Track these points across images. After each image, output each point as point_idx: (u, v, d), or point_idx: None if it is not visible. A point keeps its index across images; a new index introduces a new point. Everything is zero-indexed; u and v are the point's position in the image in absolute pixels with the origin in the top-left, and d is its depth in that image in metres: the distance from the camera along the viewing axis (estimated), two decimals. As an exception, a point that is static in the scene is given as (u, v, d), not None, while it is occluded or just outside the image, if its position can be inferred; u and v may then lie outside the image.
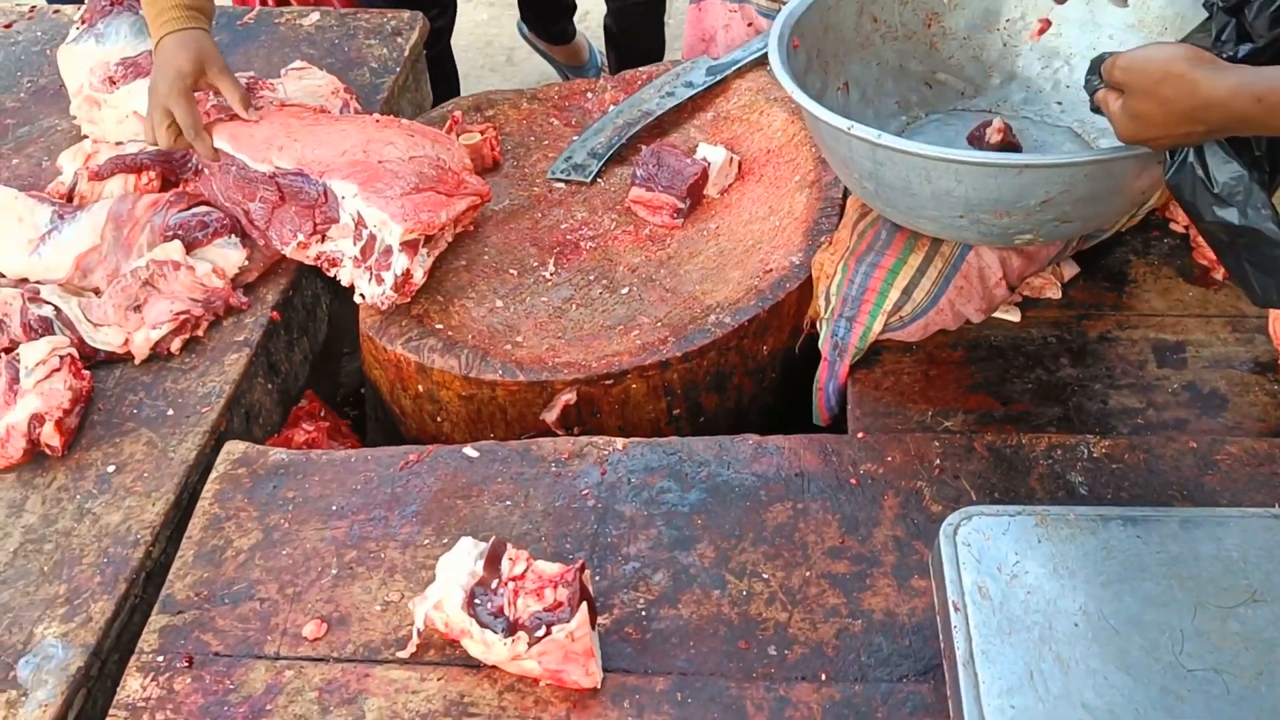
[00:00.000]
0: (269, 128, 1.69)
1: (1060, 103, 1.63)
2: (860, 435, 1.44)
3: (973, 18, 1.64)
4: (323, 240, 1.66)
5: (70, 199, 1.75)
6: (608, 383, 1.56)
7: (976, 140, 1.57)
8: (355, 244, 1.62)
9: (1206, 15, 1.23)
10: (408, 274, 1.59)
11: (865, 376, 1.55)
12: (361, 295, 1.62)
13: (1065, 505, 1.32)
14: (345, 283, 1.65)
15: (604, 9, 2.90)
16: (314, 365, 1.79)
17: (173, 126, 1.66)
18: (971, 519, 1.16)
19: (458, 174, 1.66)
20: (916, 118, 1.66)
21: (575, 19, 3.59)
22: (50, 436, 1.45)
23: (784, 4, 1.97)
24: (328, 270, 1.66)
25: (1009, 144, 1.55)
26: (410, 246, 1.59)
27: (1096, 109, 1.22)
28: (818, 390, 1.61)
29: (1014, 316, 1.59)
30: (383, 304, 1.60)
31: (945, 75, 1.66)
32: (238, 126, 1.70)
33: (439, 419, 1.64)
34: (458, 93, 2.80)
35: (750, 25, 2.03)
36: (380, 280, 1.60)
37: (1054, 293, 1.62)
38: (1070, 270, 1.63)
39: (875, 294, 1.52)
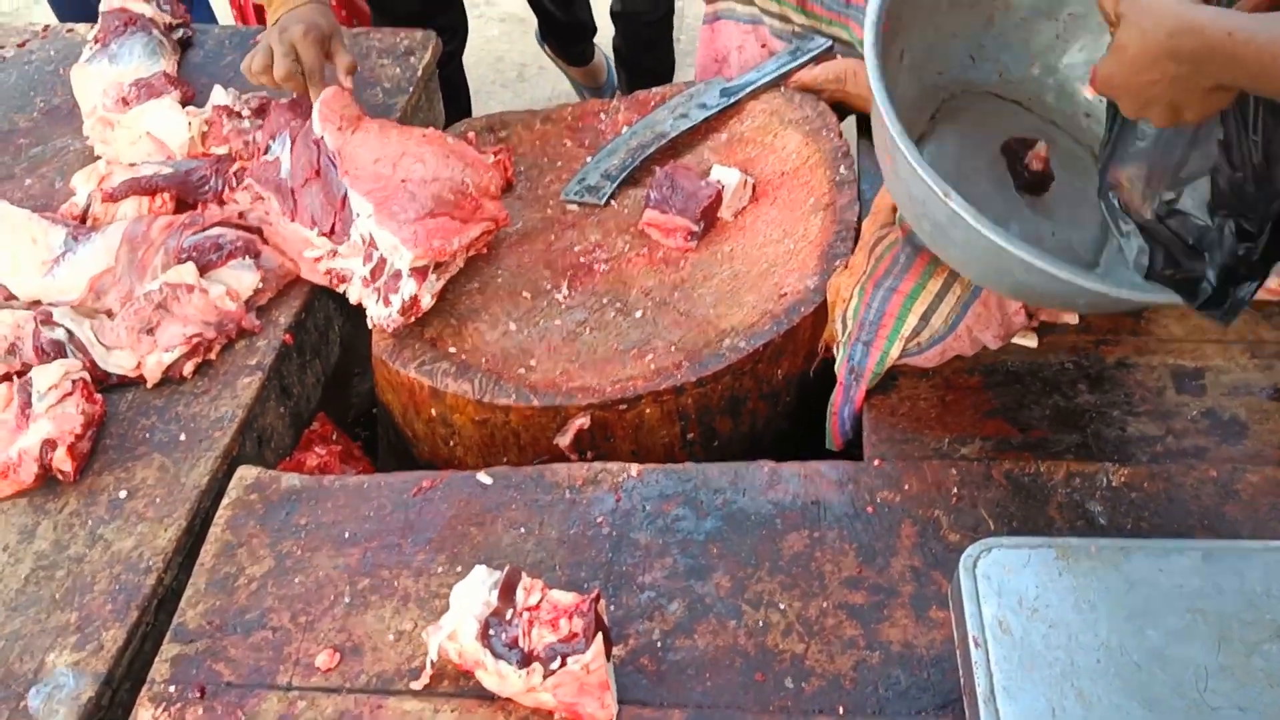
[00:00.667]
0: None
1: (1089, 115, 1.61)
2: (877, 462, 1.43)
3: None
4: (334, 256, 1.65)
5: (84, 220, 1.75)
6: (621, 407, 1.55)
7: (1012, 155, 1.55)
8: (365, 264, 1.62)
9: None
10: (415, 299, 1.59)
11: (881, 402, 1.53)
12: (371, 324, 1.62)
13: (1086, 537, 1.31)
14: (353, 300, 1.64)
15: (613, 27, 2.90)
16: (326, 387, 1.78)
17: (295, 63, 1.74)
18: (991, 551, 1.15)
19: (476, 199, 1.66)
20: (953, 95, 1.62)
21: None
22: (62, 461, 1.44)
23: (796, 26, 1.98)
24: (336, 286, 1.66)
25: (1044, 174, 1.54)
26: (419, 272, 1.58)
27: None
28: (832, 415, 1.60)
29: (1031, 342, 1.58)
30: (389, 326, 1.60)
31: (995, 51, 1.62)
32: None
33: (452, 443, 1.64)
34: (469, 110, 2.80)
35: (764, 46, 2.02)
36: (388, 302, 1.60)
37: (1071, 318, 1.60)
38: (1088, 295, 1.62)
39: (893, 319, 1.51)
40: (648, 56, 2.90)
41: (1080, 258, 1.51)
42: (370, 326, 1.64)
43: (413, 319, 1.61)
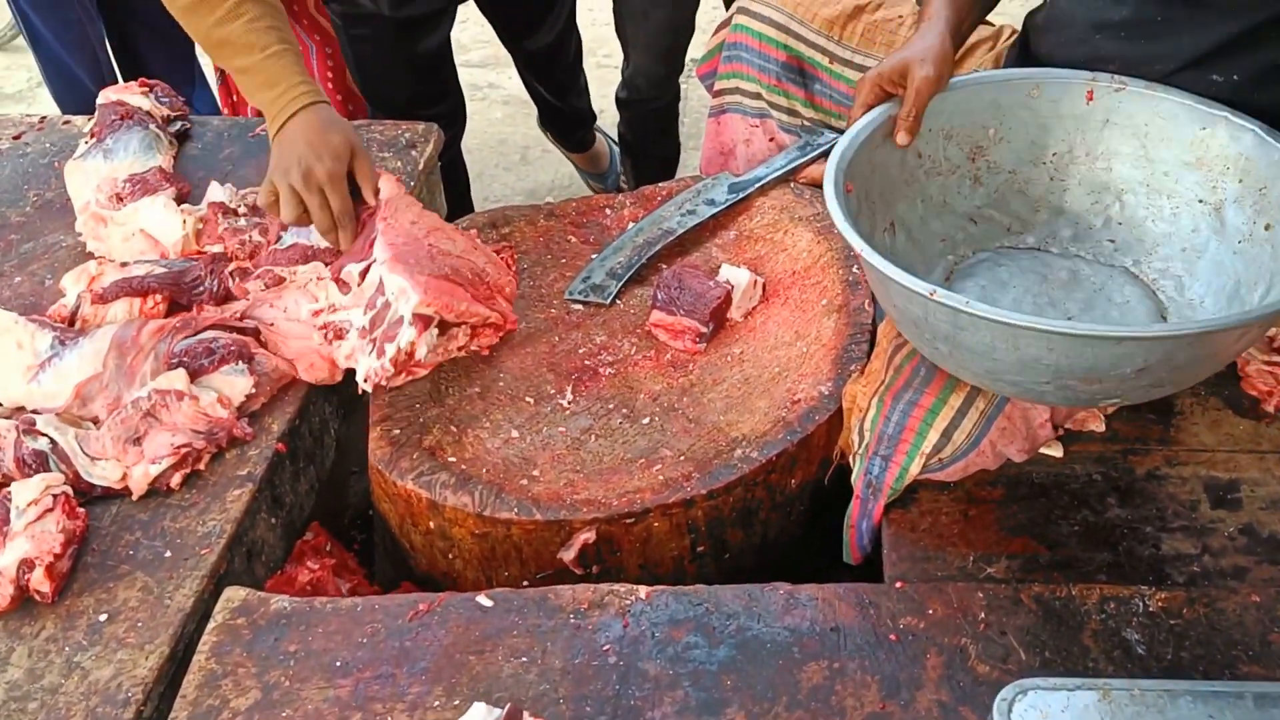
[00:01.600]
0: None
1: (1113, 240, 1.56)
2: (899, 584, 1.35)
3: (1019, 151, 1.57)
4: (333, 311, 1.61)
5: (73, 322, 1.69)
6: (628, 521, 1.48)
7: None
8: (366, 312, 1.58)
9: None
10: (411, 350, 1.54)
11: (901, 517, 1.46)
12: (361, 379, 1.59)
13: (1125, 669, 1.24)
14: (342, 358, 1.60)
15: (618, 113, 2.87)
16: (320, 492, 1.72)
17: (325, 209, 1.67)
18: (1027, 694, 1.07)
19: (491, 289, 1.62)
20: (964, 257, 1.58)
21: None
22: (40, 583, 1.37)
23: (804, 120, 1.94)
24: (330, 341, 1.62)
25: None
26: (421, 320, 1.54)
27: None
28: (849, 529, 1.53)
29: (1056, 452, 1.51)
30: (378, 377, 1.55)
31: (991, 211, 1.58)
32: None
33: (450, 555, 1.56)
34: (469, 195, 2.76)
35: (772, 140, 1.98)
36: (381, 352, 1.55)
37: (1097, 426, 1.54)
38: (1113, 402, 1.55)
39: (913, 434, 1.44)
40: (653, 143, 2.87)
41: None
42: (359, 388, 1.58)
43: (404, 375, 1.55)
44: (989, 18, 1.82)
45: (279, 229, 1.77)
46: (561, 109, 2.97)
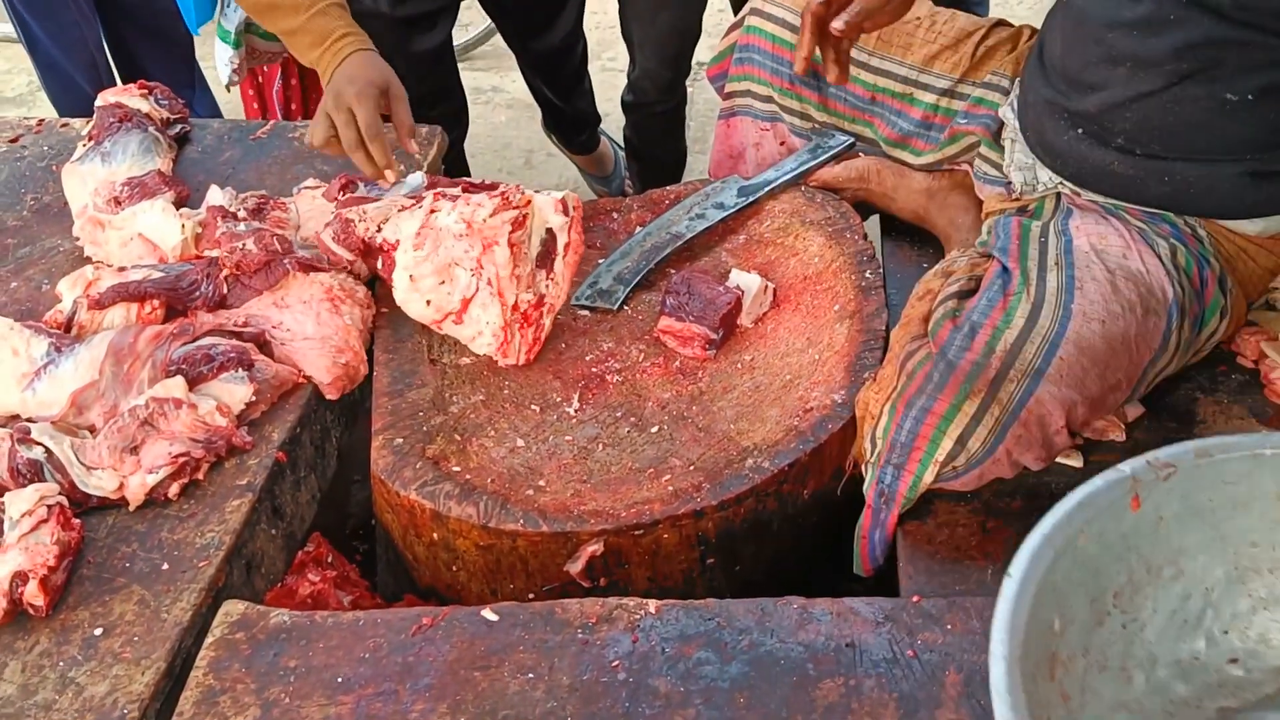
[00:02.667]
0: None
1: (1241, 665, 1.22)
2: (916, 598, 1.31)
3: (1080, 625, 1.17)
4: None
5: (68, 329, 1.66)
6: (637, 533, 1.44)
7: None
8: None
9: None
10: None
11: (916, 529, 1.43)
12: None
13: (1149, 689, 1.19)
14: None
15: (624, 116, 2.84)
16: (322, 502, 1.68)
17: (351, 125, 1.71)
18: (1052, 716, 1.03)
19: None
20: None
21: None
22: (34, 596, 1.33)
23: (816, 123, 1.91)
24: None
25: None
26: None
27: None
28: (861, 539, 1.50)
29: (1076, 462, 1.48)
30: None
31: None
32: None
33: (455, 568, 1.53)
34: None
35: (783, 144, 1.94)
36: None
37: (1118, 435, 1.50)
38: (1134, 411, 1.52)
39: (927, 441, 1.40)
40: (659, 146, 2.84)
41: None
42: (373, 444, 1.55)
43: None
44: (1008, 18, 1.79)
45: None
46: (566, 111, 2.94)
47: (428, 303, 1.63)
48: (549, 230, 1.63)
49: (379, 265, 1.67)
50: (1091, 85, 1.48)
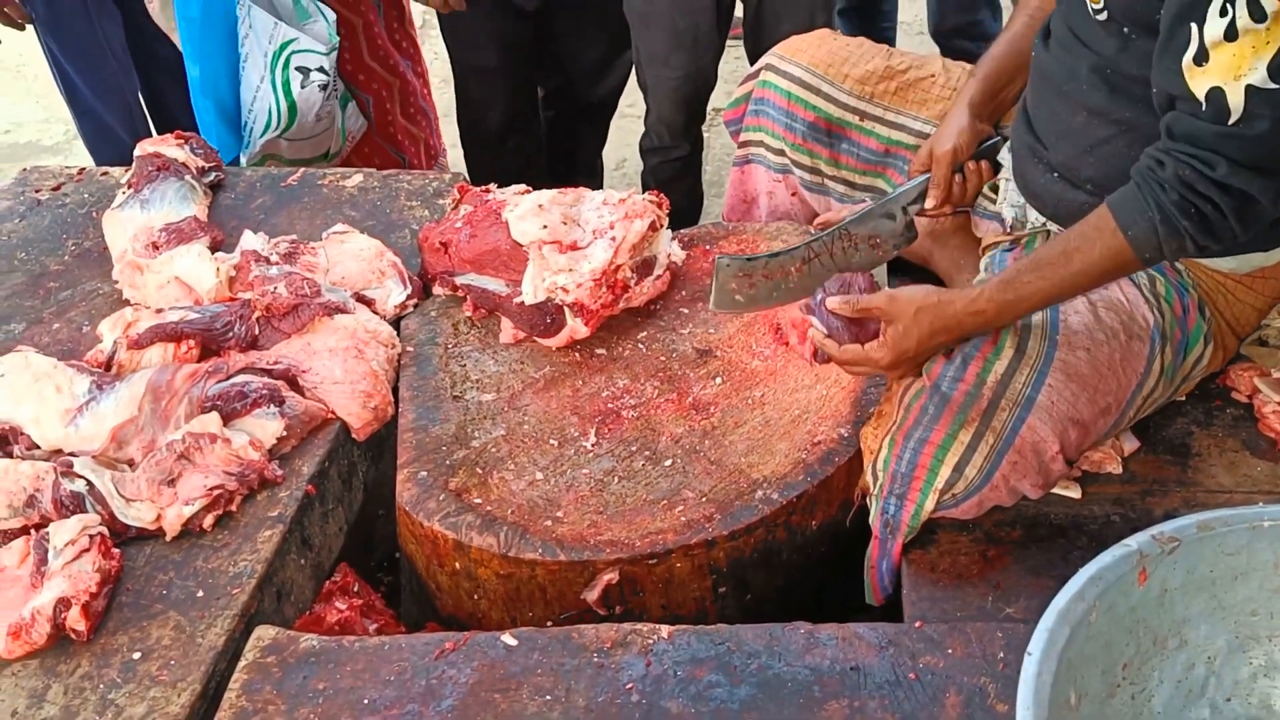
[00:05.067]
0: None
1: None
2: (918, 624, 1.37)
3: (1092, 699, 1.22)
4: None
5: (109, 367, 1.74)
6: (651, 562, 1.50)
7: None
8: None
9: None
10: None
11: (920, 557, 1.48)
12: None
13: (1142, 709, 1.24)
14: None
15: (641, 162, 2.92)
16: (348, 534, 1.74)
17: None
18: None
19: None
20: None
21: (615, 168, 3.64)
22: (76, 621, 1.40)
23: (826, 178, 1.97)
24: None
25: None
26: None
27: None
28: (870, 569, 1.55)
29: (1074, 493, 1.53)
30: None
31: None
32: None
33: (476, 596, 1.59)
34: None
35: (794, 194, 2.02)
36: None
37: (1114, 467, 1.55)
38: (1130, 444, 1.57)
39: (926, 470, 1.46)
40: (675, 190, 2.91)
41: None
42: (399, 476, 1.61)
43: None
44: None
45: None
46: (578, 158, 3.04)
47: (544, 226, 1.76)
48: (657, 256, 1.81)
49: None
50: (1058, 134, 1.57)
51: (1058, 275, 1.43)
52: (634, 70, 2.73)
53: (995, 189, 1.76)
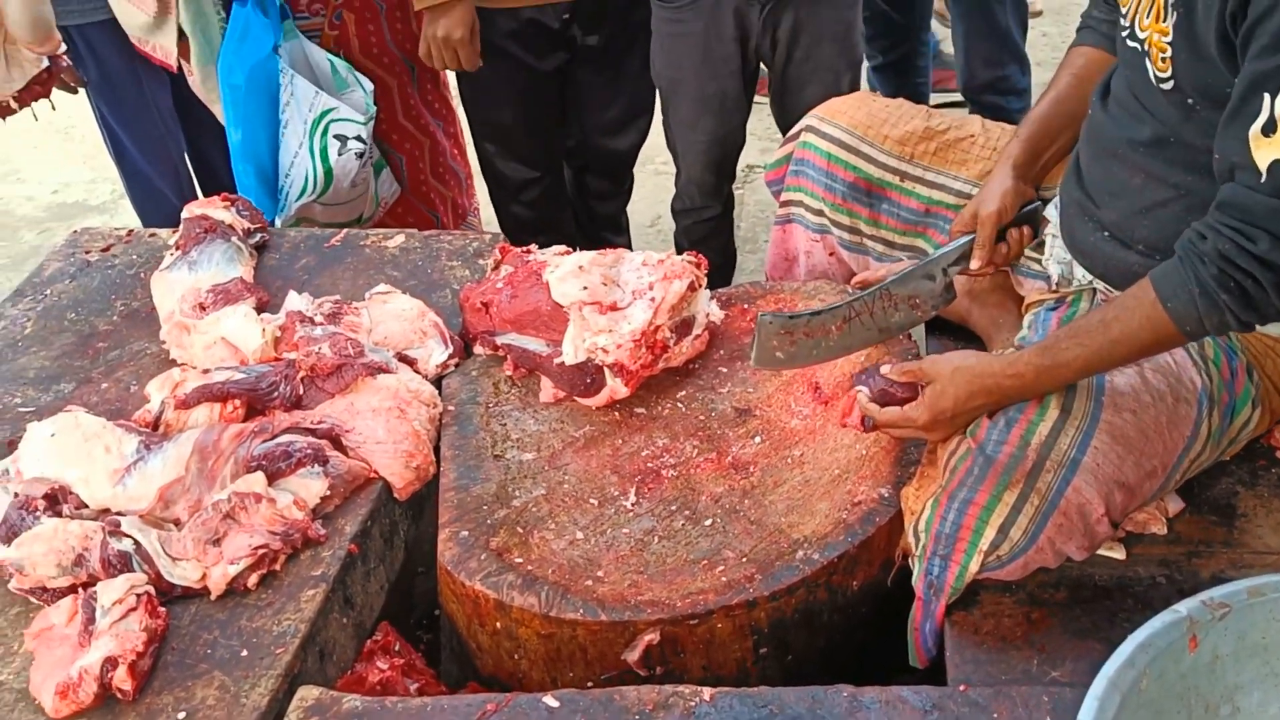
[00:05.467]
0: None
1: None
2: (962, 688, 1.36)
3: None
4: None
5: (156, 427, 1.77)
6: (692, 622, 1.50)
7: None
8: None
9: None
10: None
11: (963, 619, 1.47)
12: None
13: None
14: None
15: (674, 222, 2.95)
16: (389, 593, 1.75)
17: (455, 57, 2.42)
18: (1095, 801, 1.06)
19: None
20: None
21: (649, 224, 3.67)
22: (123, 681, 1.42)
23: (865, 237, 1.99)
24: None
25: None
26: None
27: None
28: (913, 631, 1.54)
29: (1118, 554, 1.52)
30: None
31: None
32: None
33: (517, 656, 1.59)
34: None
35: (832, 254, 2.03)
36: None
37: (1159, 528, 1.54)
38: (1175, 505, 1.56)
39: (970, 531, 1.46)
40: (708, 249, 2.93)
41: None
42: (440, 537, 1.62)
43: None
44: None
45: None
46: (599, 212, 3.07)
47: (584, 287, 1.78)
48: (696, 316, 1.83)
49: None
50: (1111, 193, 1.57)
51: (1096, 344, 1.43)
52: (663, 132, 2.77)
53: (1040, 247, 1.76)
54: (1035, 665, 1.40)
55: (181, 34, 2.56)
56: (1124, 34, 1.54)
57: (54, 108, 2.17)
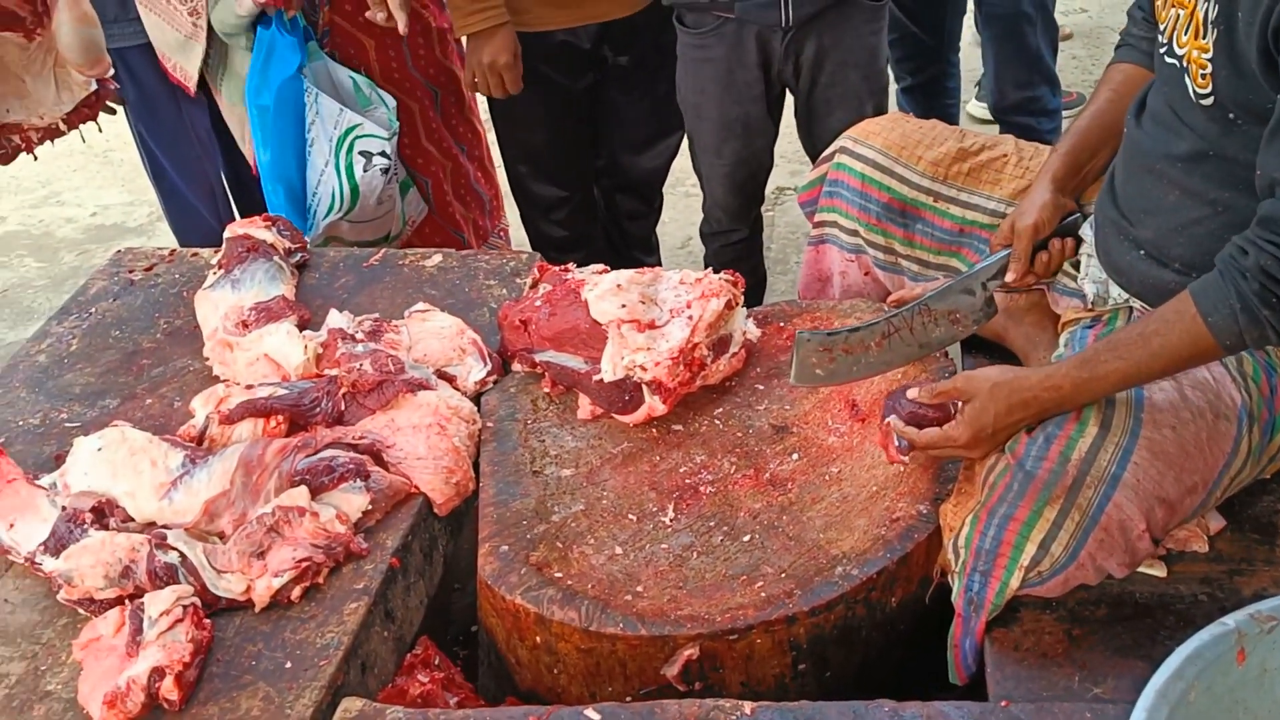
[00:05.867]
0: None
1: None
2: (1004, 703, 1.36)
3: None
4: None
5: (201, 441, 1.79)
6: (731, 638, 1.51)
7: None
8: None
9: None
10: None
11: (1004, 636, 1.47)
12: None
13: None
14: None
15: (703, 246, 2.96)
16: (429, 608, 1.77)
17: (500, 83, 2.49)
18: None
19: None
20: None
21: (680, 246, 3.69)
22: (169, 691, 1.43)
23: (900, 257, 2.00)
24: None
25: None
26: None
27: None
28: (953, 647, 1.54)
29: (1159, 571, 1.51)
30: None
31: None
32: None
33: (555, 670, 1.60)
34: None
35: (867, 274, 2.05)
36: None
37: (1200, 546, 1.54)
38: (1216, 523, 1.56)
39: (1010, 547, 1.46)
40: (741, 274, 2.95)
41: None
42: (480, 551, 1.64)
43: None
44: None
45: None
46: (631, 233, 3.09)
47: (623, 305, 1.80)
48: (733, 334, 1.85)
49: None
50: (1146, 211, 1.58)
51: (1135, 357, 1.44)
52: (689, 156, 2.79)
53: (1076, 265, 1.77)
54: (1077, 682, 1.40)
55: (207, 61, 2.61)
56: (1161, 50, 1.55)
57: (100, 129, 2.21)
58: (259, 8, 2.43)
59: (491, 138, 2.96)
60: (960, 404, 1.55)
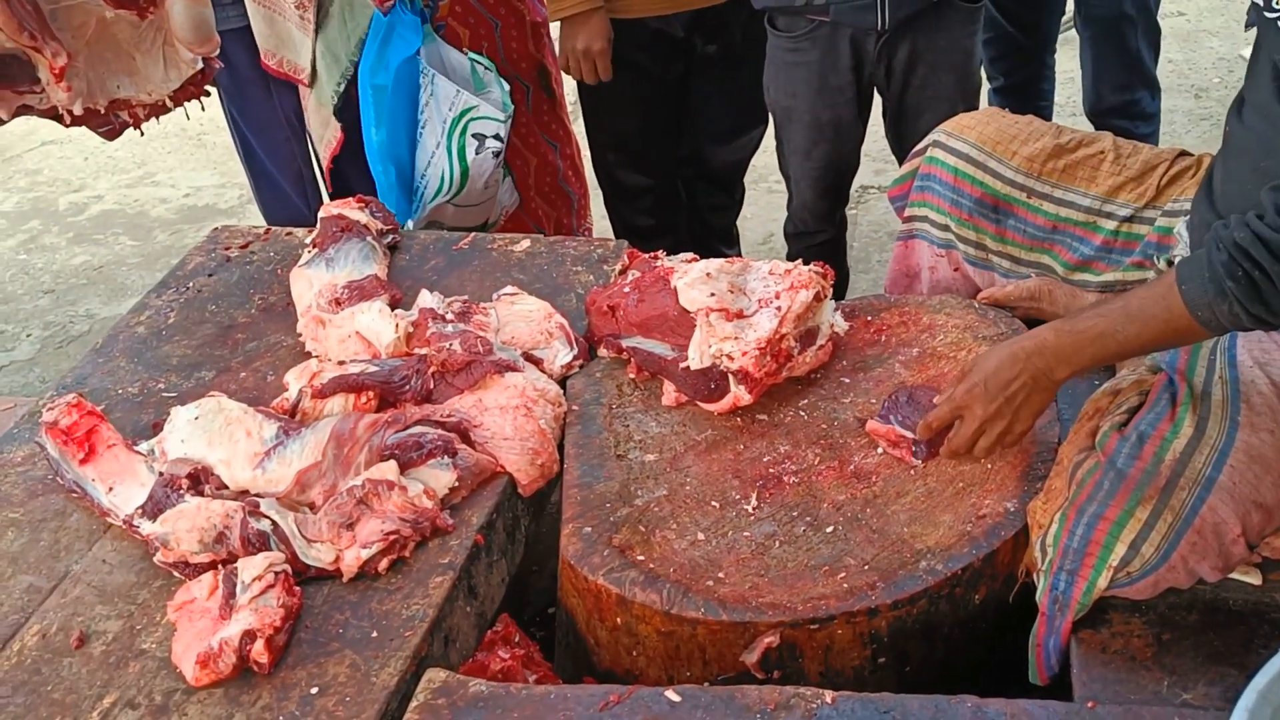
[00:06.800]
0: None
1: None
2: (1090, 704, 1.34)
3: None
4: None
5: (293, 414, 1.83)
6: (812, 627, 1.50)
7: None
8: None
9: None
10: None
11: (1090, 637, 1.45)
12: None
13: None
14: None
15: (786, 246, 2.96)
16: (509, 587, 1.79)
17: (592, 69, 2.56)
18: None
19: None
20: None
21: (762, 241, 3.69)
22: (260, 654, 1.47)
23: (991, 253, 1.98)
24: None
25: None
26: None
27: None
28: (1035, 647, 1.52)
29: (1254, 579, 1.48)
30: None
31: None
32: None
33: (634, 653, 1.61)
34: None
35: (957, 270, 2.03)
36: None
37: (1299, 555, 1.51)
38: (1315, 531, 1.52)
39: (1099, 547, 1.44)
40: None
41: None
42: (563, 532, 1.65)
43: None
44: (1190, 149, 1.85)
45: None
46: (714, 225, 3.10)
47: (712, 294, 1.80)
48: (820, 326, 1.85)
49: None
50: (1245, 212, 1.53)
51: (1112, 315, 1.45)
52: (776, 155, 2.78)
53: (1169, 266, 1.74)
54: (1165, 687, 1.38)
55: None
56: (1273, 16, 1.50)
57: (204, 108, 2.27)
58: None
59: (578, 127, 2.98)
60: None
